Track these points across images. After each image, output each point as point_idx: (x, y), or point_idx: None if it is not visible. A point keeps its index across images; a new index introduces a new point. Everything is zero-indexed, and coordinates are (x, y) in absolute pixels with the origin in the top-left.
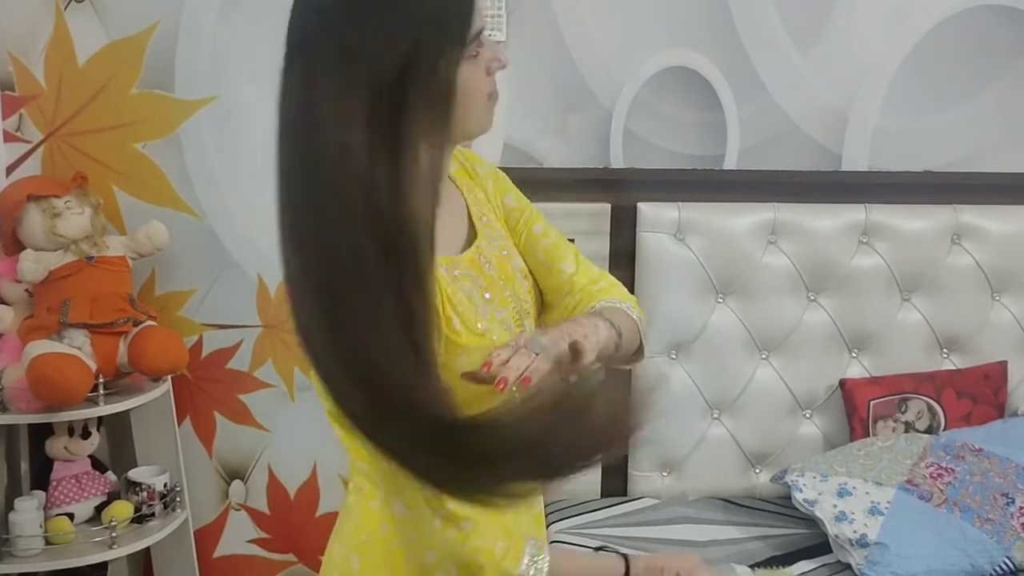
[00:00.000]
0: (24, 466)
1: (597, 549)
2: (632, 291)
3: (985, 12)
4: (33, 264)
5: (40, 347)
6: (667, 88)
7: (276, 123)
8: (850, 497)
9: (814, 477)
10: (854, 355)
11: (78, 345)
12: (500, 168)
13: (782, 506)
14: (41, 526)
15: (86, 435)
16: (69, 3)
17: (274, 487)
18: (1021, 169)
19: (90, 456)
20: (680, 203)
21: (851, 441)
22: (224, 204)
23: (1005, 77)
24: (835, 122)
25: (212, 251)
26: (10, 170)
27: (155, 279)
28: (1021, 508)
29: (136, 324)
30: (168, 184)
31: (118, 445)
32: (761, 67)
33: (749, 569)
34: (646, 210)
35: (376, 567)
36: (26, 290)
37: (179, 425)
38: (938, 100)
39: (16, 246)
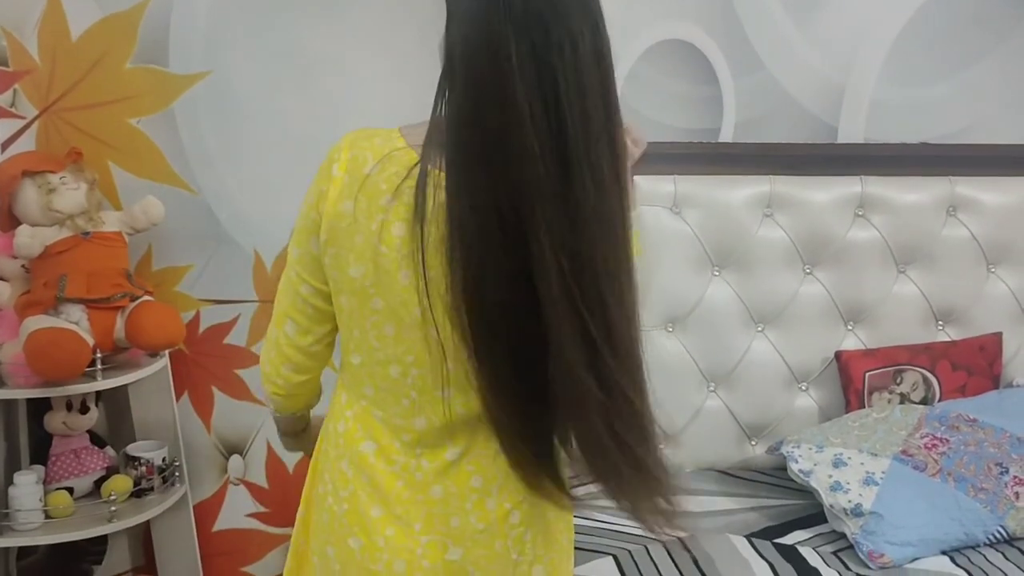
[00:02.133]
0: (23, 441)
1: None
2: None
3: None
4: (29, 239)
5: (37, 322)
6: (663, 61)
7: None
8: (845, 467)
9: (809, 448)
10: (850, 327)
11: (75, 320)
12: None
13: (777, 477)
14: (41, 500)
15: (84, 410)
16: None
17: (273, 462)
18: (1017, 140)
19: (89, 431)
20: (676, 176)
21: (846, 413)
22: (219, 179)
23: (1002, 49)
24: (831, 94)
25: (208, 227)
26: (5, 146)
27: (151, 255)
28: (1015, 477)
29: (133, 299)
30: (163, 159)
31: (116, 420)
32: (757, 40)
33: (745, 539)
34: (642, 183)
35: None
36: (23, 265)
37: (177, 400)
38: (934, 72)
39: (12, 222)
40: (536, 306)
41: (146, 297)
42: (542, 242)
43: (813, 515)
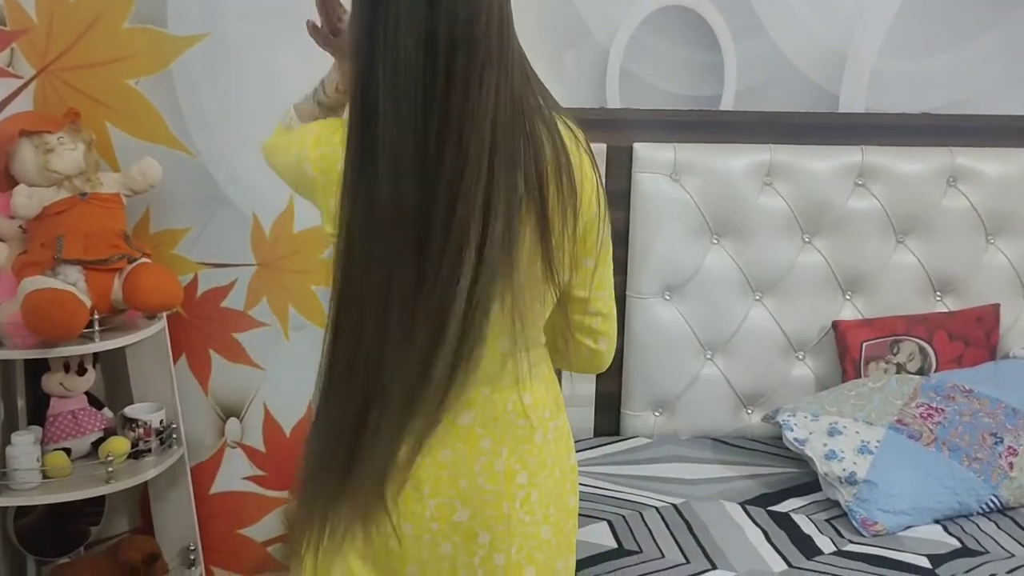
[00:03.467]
0: (20, 402)
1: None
2: (627, 232)
3: None
4: (26, 200)
5: (35, 283)
6: (664, 28)
7: None
8: (840, 436)
9: (805, 417)
10: (848, 297)
11: (72, 281)
12: None
13: (773, 446)
14: (38, 460)
15: (82, 371)
16: None
17: (269, 425)
18: (1018, 111)
19: (86, 393)
20: (676, 144)
21: (843, 382)
22: (217, 141)
23: (1004, 20)
24: (833, 63)
25: (206, 189)
26: (2, 105)
27: (149, 217)
28: (1009, 447)
29: (131, 261)
30: (161, 121)
31: (114, 382)
32: (759, 6)
33: (739, 506)
34: (642, 151)
35: None
36: (20, 226)
37: (174, 363)
38: (937, 42)
39: (9, 182)
40: None
41: (144, 259)
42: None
43: (808, 483)
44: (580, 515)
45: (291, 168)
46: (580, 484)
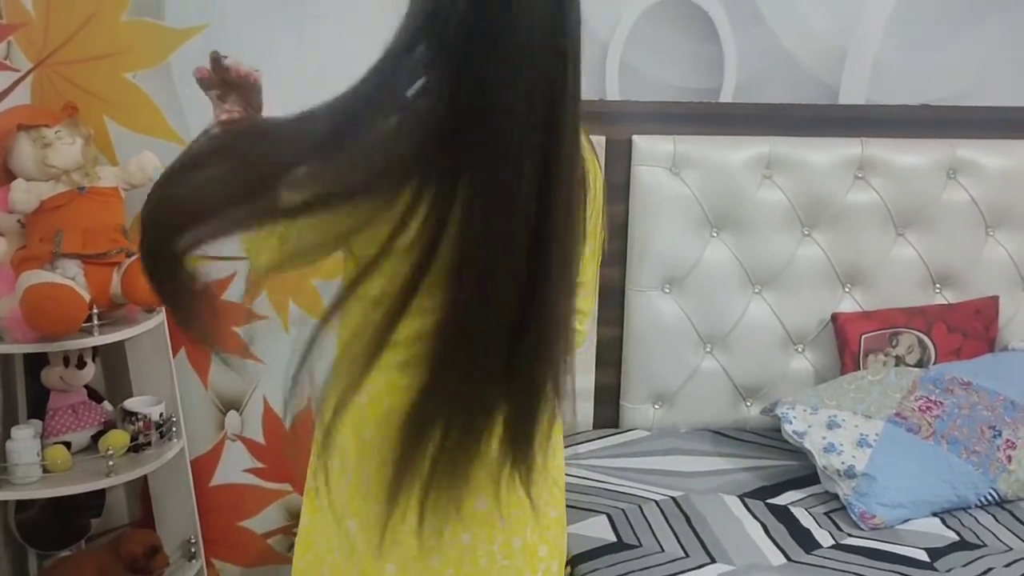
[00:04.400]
0: (20, 396)
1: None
2: (627, 225)
3: None
4: (24, 194)
5: (34, 277)
6: (664, 19)
7: None
8: (839, 429)
9: (804, 409)
10: (847, 290)
11: (71, 275)
12: None
13: (772, 438)
14: (38, 454)
15: (81, 365)
16: None
17: (269, 418)
18: (1019, 103)
19: (86, 386)
20: (675, 136)
21: (842, 375)
22: None
23: (1003, 11)
24: (834, 55)
25: None
26: None
27: None
28: (1007, 440)
29: (129, 255)
30: (160, 114)
31: (113, 376)
32: None
33: (738, 499)
34: (641, 143)
35: None
36: (18, 220)
37: (174, 356)
38: (937, 34)
39: (6, 176)
40: None
41: None
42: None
43: (806, 476)
44: (579, 508)
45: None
46: (580, 477)
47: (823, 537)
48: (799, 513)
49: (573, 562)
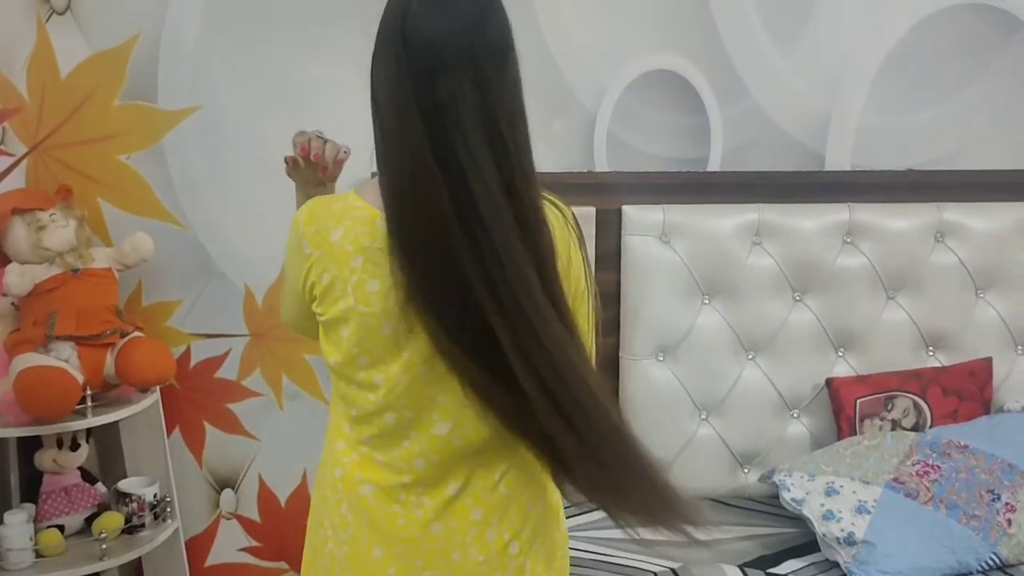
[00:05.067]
0: (13, 479)
1: None
2: (618, 293)
3: (965, 10)
4: (19, 278)
5: (27, 360)
6: (650, 92)
7: None
8: (837, 496)
9: (801, 476)
10: (840, 354)
11: (65, 357)
12: None
13: (770, 505)
14: (31, 539)
15: (75, 447)
16: (51, 15)
17: (265, 495)
18: (1004, 166)
19: (79, 468)
20: (664, 205)
21: (838, 440)
22: (209, 214)
23: (985, 74)
24: (818, 122)
25: (198, 261)
26: None
27: (142, 290)
28: (1007, 504)
29: (123, 335)
30: (153, 195)
31: (107, 456)
32: (743, 69)
33: (738, 569)
34: (631, 213)
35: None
36: (12, 303)
37: (168, 435)
38: (920, 98)
39: (1, 259)
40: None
41: (136, 333)
42: (478, 294)
43: (807, 543)
44: None
45: (295, 272)
46: (579, 549)
47: None
48: None
49: None
